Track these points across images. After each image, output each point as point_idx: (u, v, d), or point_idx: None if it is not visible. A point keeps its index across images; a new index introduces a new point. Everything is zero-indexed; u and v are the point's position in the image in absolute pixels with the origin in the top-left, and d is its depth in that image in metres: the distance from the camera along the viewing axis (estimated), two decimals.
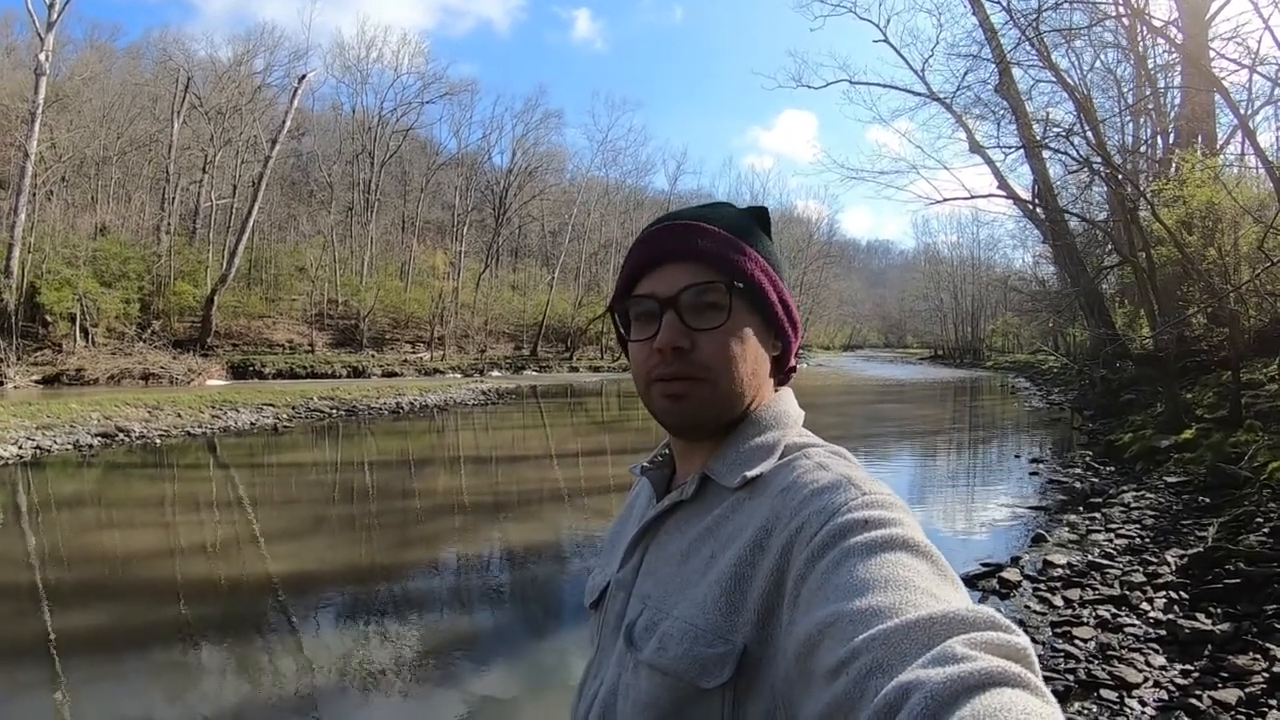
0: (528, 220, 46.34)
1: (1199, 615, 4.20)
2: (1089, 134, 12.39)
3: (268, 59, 33.10)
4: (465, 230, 38.77)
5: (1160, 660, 3.74)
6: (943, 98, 15.26)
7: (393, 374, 27.01)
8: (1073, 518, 6.99)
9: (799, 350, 0.80)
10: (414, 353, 31.76)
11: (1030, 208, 16.47)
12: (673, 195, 49.51)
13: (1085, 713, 3.31)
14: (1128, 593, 4.70)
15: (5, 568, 5.96)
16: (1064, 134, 12.35)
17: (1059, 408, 19.19)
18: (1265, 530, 5.36)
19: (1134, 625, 4.23)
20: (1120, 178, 12.21)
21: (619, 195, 47.34)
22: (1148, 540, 5.98)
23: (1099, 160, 12.11)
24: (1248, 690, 3.31)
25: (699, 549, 0.68)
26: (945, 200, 14.89)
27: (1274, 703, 3.19)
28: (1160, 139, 17.06)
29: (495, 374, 30.00)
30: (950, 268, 60.53)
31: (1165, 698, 3.38)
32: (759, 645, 0.59)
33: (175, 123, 28.30)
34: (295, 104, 29.92)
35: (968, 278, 56.72)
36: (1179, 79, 13.91)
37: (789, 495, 0.64)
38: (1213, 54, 9.58)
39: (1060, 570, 5.27)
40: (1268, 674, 3.40)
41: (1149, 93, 15.41)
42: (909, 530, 0.57)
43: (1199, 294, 10.38)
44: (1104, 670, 3.64)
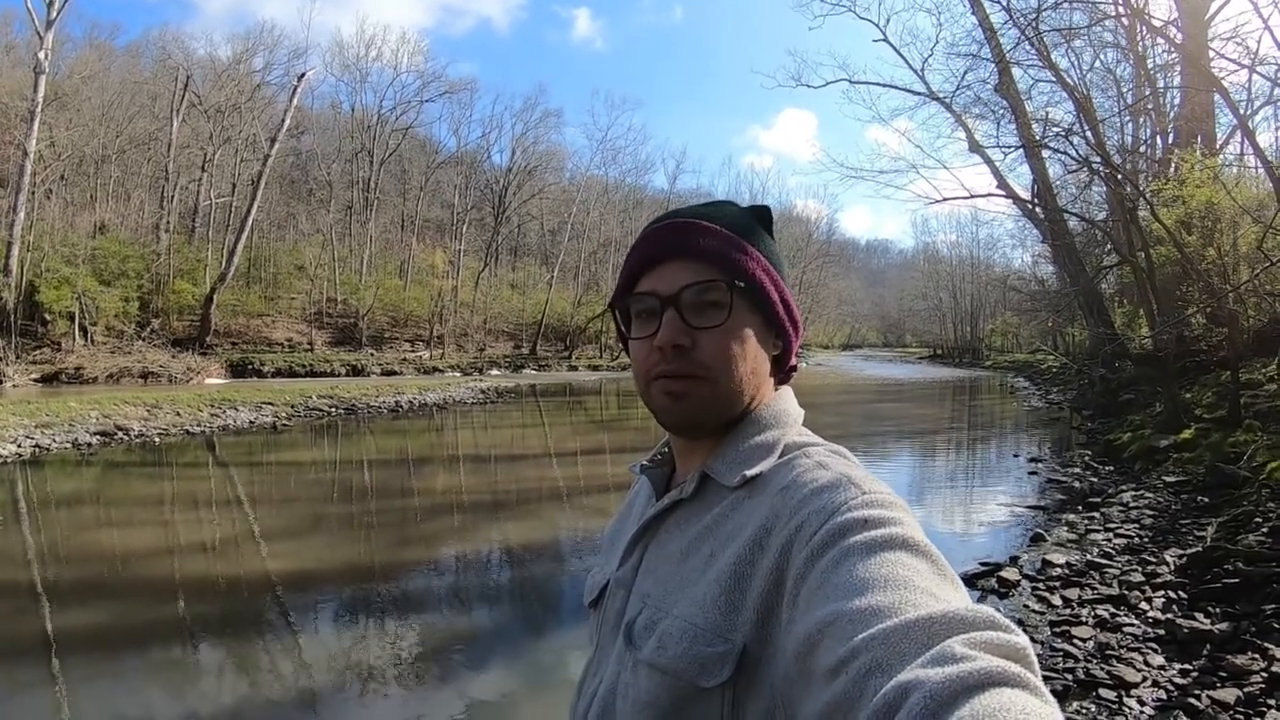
0: (527, 219, 46.31)
1: (1197, 615, 4.20)
2: (1088, 134, 12.39)
3: (267, 57, 33.15)
4: (464, 229, 38.74)
5: (1159, 660, 3.74)
6: (942, 97, 15.27)
7: (392, 372, 27.01)
8: (1071, 517, 6.99)
9: (799, 350, 0.80)
10: (413, 351, 31.76)
11: (1029, 207, 16.47)
12: (672, 194, 49.49)
13: (1084, 712, 3.31)
14: (1126, 592, 4.70)
15: (5, 567, 5.95)
16: (1063, 134, 12.35)
17: (1058, 407, 19.19)
18: (1264, 530, 5.36)
19: (1133, 625, 4.23)
20: (1119, 177, 12.21)
21: (618, 194, 47.31)
22: (1146, 540, 5.98)
23: (1098, 160, 12.10)
24: (1246, 690, 3.32)
25: (698, 547, 0.68)
26: (944, 200, 14.88)
27: (1272, 702, 3.19)
28: (1160, 139, 17.08)
29: (494, 373, 29.99)
30: (949, 267, 60.49)
31: (1164, 697, 3.38)
32: (758, 644, 0.59)
33: (174, 121, 28.27)
34: (294, 102, 29.91)
35: (967, 277, 56.68)
36: (1178, 79, 13.93)
37: (789, 494, 0.64)
38: (1212, 54, 9.59)
39: (1059, 570, 5.27)
40: (1266, 673, 3.40)
41: (1148, 92, 15.43)
42: (909, 529, 0.57)
43: (1198, 294, 10.39)
44: (1103, 669, 3.65)
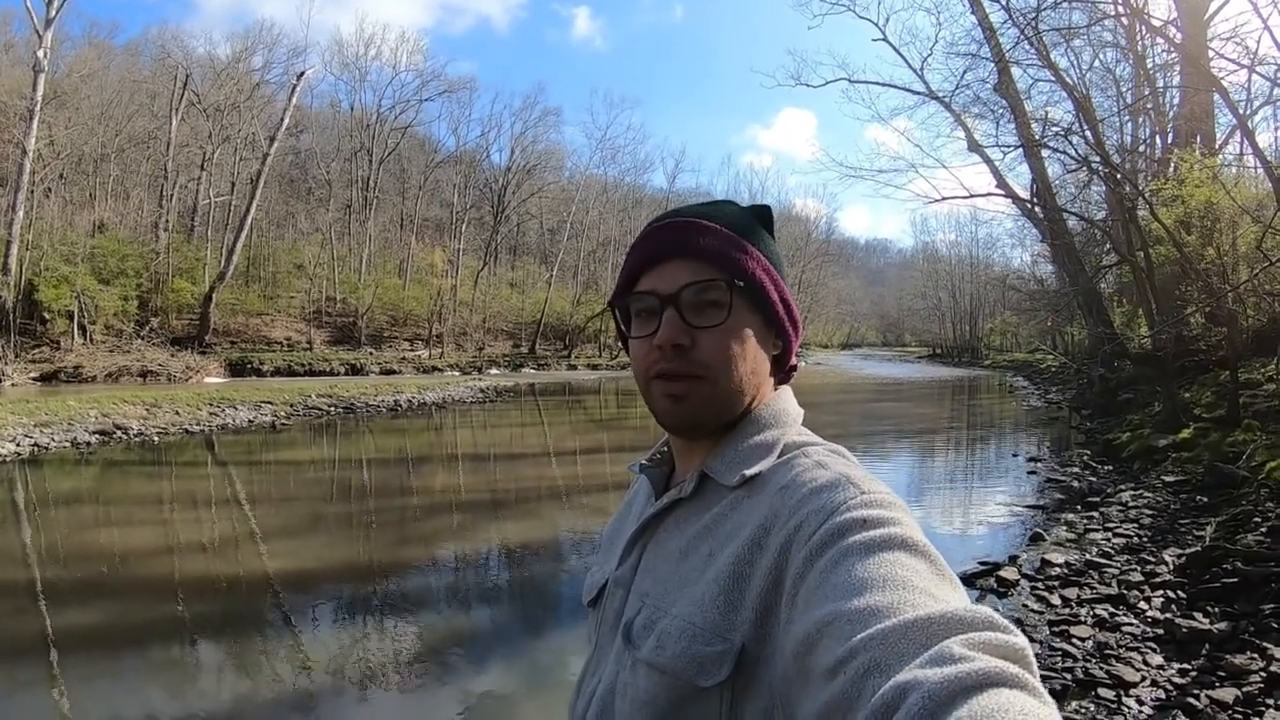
0: (526, 218, 46.31)
1: (1196, 614, 4.21)
2: (1088, 133, 12.39)
3: (266, 56, 33.10)
4: (463, 228, 38.73)
5: (1158, 659, 3.74)
6: (941, 96, 15.28)
7: (391, 371, 27.01)
8: (1070, 517, 6.99)
9: (799, 349, 0.80)
10: (412, 350, 31.75)
11: (1029, 207, 16.48)
12: (671, 193, 49.48)
13: (1083, 711, 3.32)
14: (1125, 592, 4.70)
15: (4, 566, 5.95)
16: (1063, 133, 12.36)
17: (1057, 407, 19.18)
18: (1263, 530, 5.37)
19: (1131, 624, 4.24)
20: (1119, 177, 12.22)
21: (617, 193, 47.29)
22: (1145, 539, 5.99)
23: (1097, 159, 12.10)
24: (1245, 689, 3.32)
25: (697, 547, 0.68)
26: (944, 199, 14.89)
27: (1271, 702, 3.19)
28: (1159, 138, 17.08)
29: (493, 372, 29.99)
30: (949, 266, 60.44)
31: (1163, 697, 3.39)
32: (757, 644, 0.59)
33: (173, 120, 28.24)
34: (294, 101, 29.89)
35: (966, 276, 56.64)
36: (1178, 79, 13.91)
37: (788, 493, 0.64)
38: (1211, 54, 9.57)
39: (1058, 569, 5.27)
40: (1265, 673, 3.41)
41: (1148, 92, 15.44)
42: (907, 529, 0.57)
43: (1197, 293, 10.41)
44: (1101, 669, 3.65)
